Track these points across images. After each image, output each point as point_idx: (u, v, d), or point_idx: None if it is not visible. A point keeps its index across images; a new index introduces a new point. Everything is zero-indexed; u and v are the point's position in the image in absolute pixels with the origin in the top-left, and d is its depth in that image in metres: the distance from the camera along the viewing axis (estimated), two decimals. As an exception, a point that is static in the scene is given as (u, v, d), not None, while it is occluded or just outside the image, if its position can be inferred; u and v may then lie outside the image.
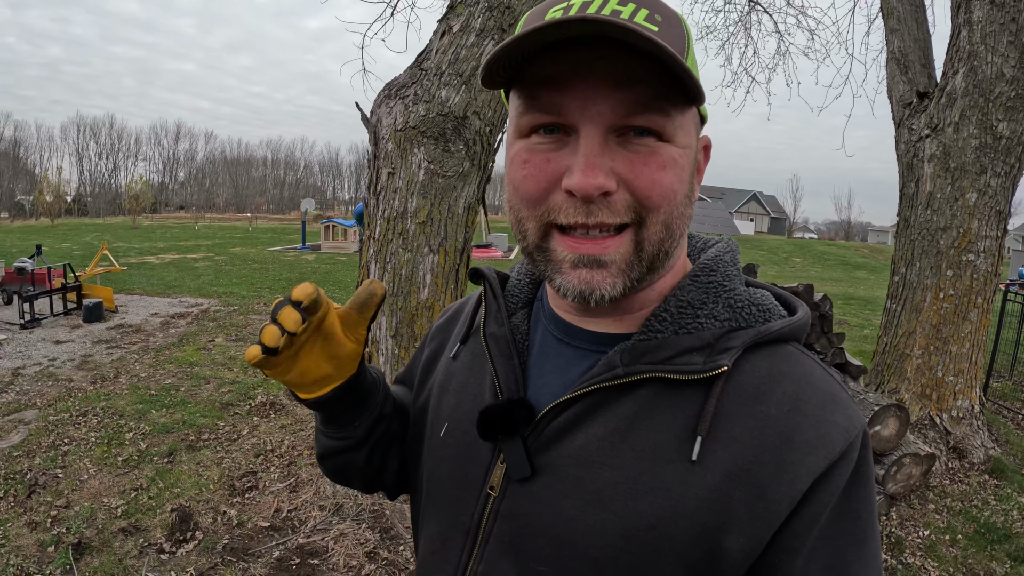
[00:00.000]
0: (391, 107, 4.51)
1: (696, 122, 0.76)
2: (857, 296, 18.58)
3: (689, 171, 0.74)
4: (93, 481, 4.86)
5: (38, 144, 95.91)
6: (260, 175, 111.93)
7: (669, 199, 0.71)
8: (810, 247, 44.19)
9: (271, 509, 4.51)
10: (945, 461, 5.53)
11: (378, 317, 5.06)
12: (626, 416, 0.74)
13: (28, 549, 3.99)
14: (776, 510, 0.67)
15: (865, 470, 0.72)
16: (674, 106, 0.69)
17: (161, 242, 30.36)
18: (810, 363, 0.76)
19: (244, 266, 19.97)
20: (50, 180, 53.23)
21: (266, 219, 67.03)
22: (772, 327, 0.76)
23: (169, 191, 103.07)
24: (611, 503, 0.72)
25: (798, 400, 0.71)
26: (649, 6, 0.69)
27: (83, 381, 7.34)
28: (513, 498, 0.79)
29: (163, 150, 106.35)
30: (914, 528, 4.63)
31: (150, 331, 10.14)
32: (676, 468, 0.70)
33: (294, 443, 5.62)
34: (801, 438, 0.69)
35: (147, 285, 14.90)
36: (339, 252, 26.42)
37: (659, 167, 0.69)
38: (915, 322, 5.87)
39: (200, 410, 6.41)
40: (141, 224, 48.51)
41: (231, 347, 9.15)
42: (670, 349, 0.74)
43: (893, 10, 6.34)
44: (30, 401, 6.59)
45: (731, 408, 0.71)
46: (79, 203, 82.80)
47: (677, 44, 0.69)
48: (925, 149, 5.84)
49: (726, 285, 0.79)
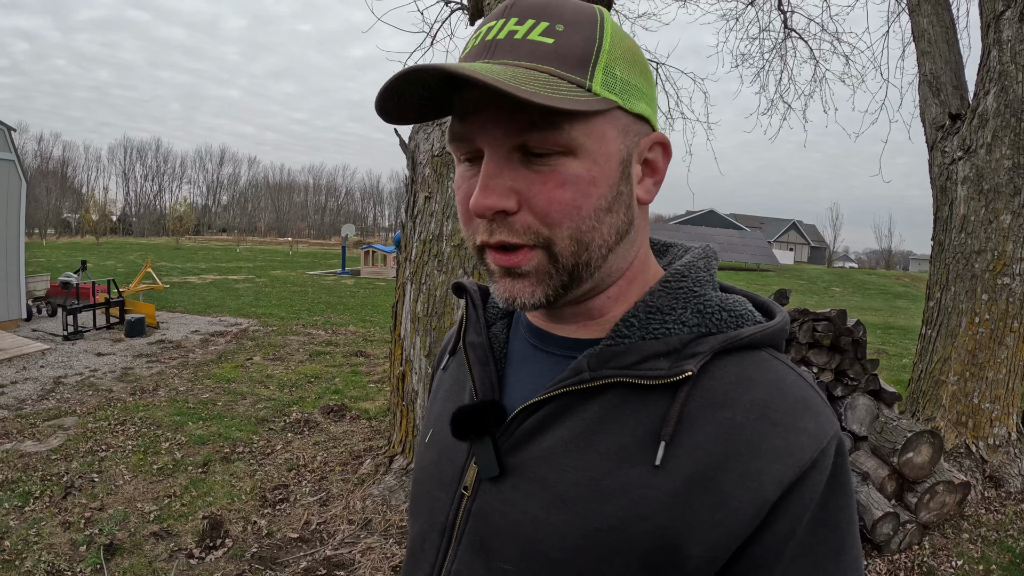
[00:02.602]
0: (428, 133, 4.64)
1: (625, 124, 0.74)
2: (897, 325, 18.25)
3: (608, 181, 0.73)
4: (128, 487, 4.96)
5: (85, 164, 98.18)
6: (302, 200, 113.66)
7: (571, 215, 0.71)
8: (850, 276, 43.52)
9: (301, 521, 4.56)
10: (981, 490, 5.32)
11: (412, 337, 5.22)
12: (592, 420, 0.74)
13: (60, 547, 4.08)
14: (739, 519, 0.67)
15: (842, 478, 0.71)
16: (569, 120, 0.68)
17: (203, 263, 30.95)
18: (783, 369, 0.75)
19: (284, 288, 20.26)
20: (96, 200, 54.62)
21: (307, 243, 67.96)
22: (743, 333, 0.75)
23: (212, 214, 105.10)
24: (574, 504, 0.72)
25: (766, 407, 0.70)
26: (551, 17, 0.71)
27: (122, 392, 7.51)
28: (484, 497, 0.80)
29: (207, 173, 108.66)
30: (947, 558, 4.49)
31: (190, 347, 10.33)
32: (639, 471, 0.70)
33: (326, 459, 5.68)
34: (767, 446, 0.68)
35: (188, 304, 15.19)
36: (378, 277, 26.63)
37: (557, 185, 0.70)
38: (950, 348, 5.71)
39: (236, 424, 6.51)
40: (184, 245, 49.48)
41: (268, 366, 9.28)
42: (636, 354, 0.74)
43: (924, 32, 6.26)
44: (70, 408, 6.75)
45: (697, 413, 0.71)
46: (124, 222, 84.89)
47: (578, 51, 0.70)
48: (958, 171, 5.75)
49: (696, 291, 0.78)
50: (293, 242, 64.83)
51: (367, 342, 11.49)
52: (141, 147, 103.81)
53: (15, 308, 11.36)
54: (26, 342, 9.78)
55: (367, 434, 6.36)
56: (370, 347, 11.02)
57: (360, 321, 13.93)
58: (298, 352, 10.33)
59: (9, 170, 11.24)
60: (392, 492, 4.83)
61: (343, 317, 14.43)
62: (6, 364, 8.59)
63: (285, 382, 8.35)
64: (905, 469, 4.57)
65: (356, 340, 11.64)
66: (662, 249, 0.93)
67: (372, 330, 12.86)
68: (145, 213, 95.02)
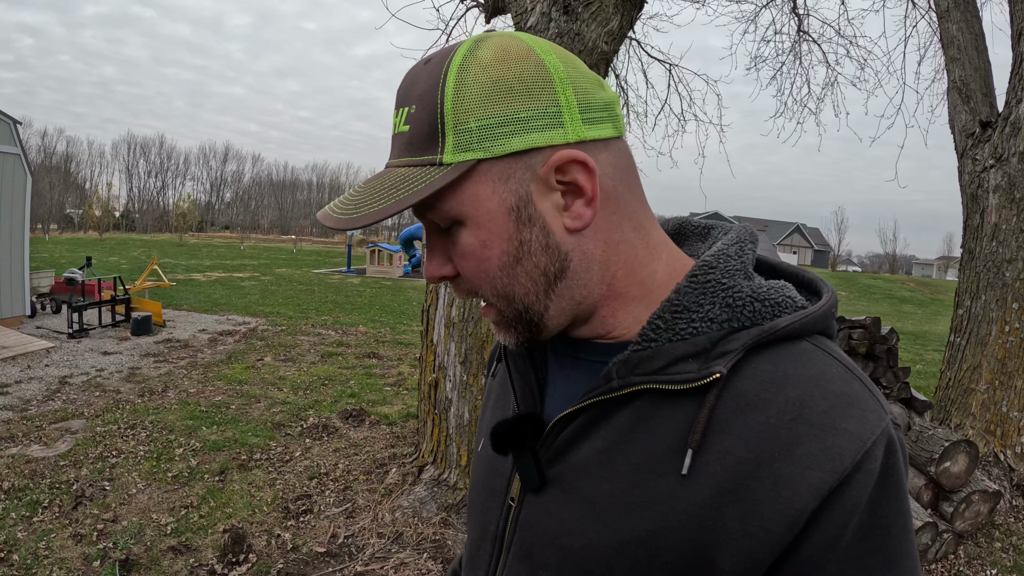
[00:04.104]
0: None
1: (496, 174, 0.70)
2: (906, 331, 17.99)
3: (499, 236, 0.71)
4: (141, 496, 4.68)
5: (89, 160, 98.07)
6: (305, 198, 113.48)
7: (481, 277, 0.73)
8: (855, 280, 43.36)
9: (327, 534, 4.29)
10: (1009, 499, 5.33)
11: (447, 343, 4.97)
12: (623, 429, 0.72)
13: (72, 562, 3.80)
14: (773, 530, 0.63)
15: (894, 479, 0.65)
16: (436, 198, 0.70)
17: (207, 260, 30.72)
18: (825, 361, 0.69)
19: (290, 287, 20.03)
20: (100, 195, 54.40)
21: (310, 241, 67.77)
22: (778, 324, 0.69)
23: (215, 211, 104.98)
24: (606, 515, 0.71)
25: (802, 407, 0.65)
26: (408, 100, 0.72)
27: (131, 393, 7.24)
28: (528, 508, 0.80)
29: (211, 171, 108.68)
30: (981, 567, 4.46)
31: (198, 347, 10.07)
32: (667, 482, 0.68)
33: (349, 467, 5.40)
34: (803, 450, 0.63)
35: (194, 301, 14.94)
36: (384, 276, 26.50)
37: (460, 257, 0.73)
38: (980, 356, 5.72)
39: (251, 429, 6.23)
40: (187, 242, 49.30)
41: (280, 367, 9.01)
42: (663, 358, 0.70)
43: (953, 39, 6.22)
44: (77, 410, 6.48)
45: (728, 418, 0.67)
46: (127, 219, 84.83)
47: (425, 126, 0.70)
48: (990, 179, 5.73)
49: (724, 282, 0.72)
50: (297, 240, 64.65)
51: (379, 343, 11.24)
52: (145, 143, 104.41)
53: (19, 304, 11.11)
54: (30, 340, 9.51)
55: (389, 441, 6.09)
56: (382, 348, 10.76)
57: (370, 321, 13.67)
58: (309, 353, 10.07)
59: (14, 164, 10.98)
60: (423, 504, 4.57)
61: (352, 317, 14.18)
62: (10, 362, 8.32)
63: (299, 384, 8.08)
64: (942, 479, 4.60)
65: (368, 341, 11.38)
66: (703, 233, 0.91)
67: (383, 331, 12.61)
68: (148, 209, 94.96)
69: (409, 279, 26.06)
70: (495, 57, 0.70)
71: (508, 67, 0.70)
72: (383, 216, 0.68)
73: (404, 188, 0.69)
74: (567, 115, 0.70)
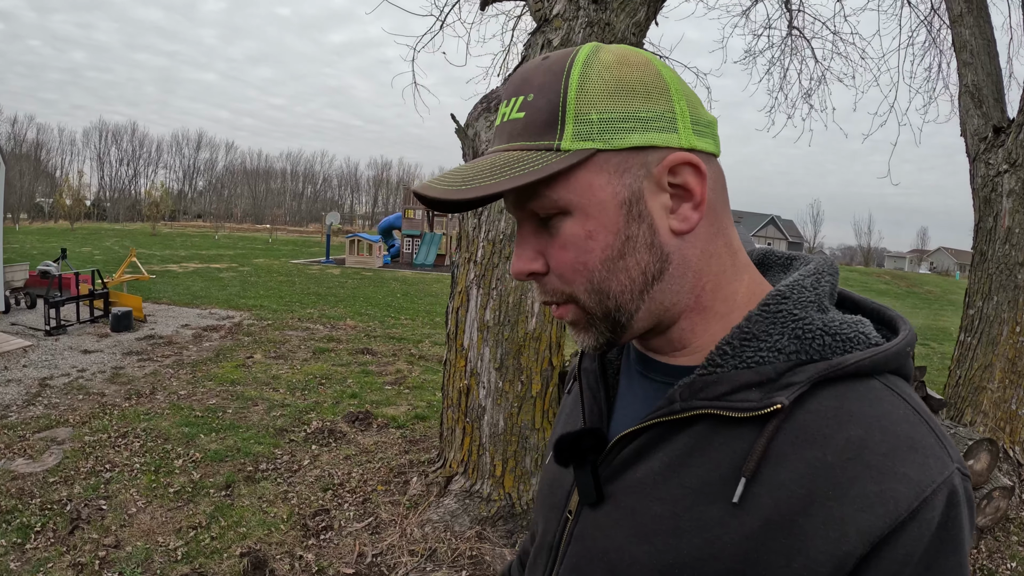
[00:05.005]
0: (491, 121, 4.22)
1: (617, 164, 0.71)
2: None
3: (609, 229, 0.71)
4: (143, 515, 4.26)
5: (60, 147, 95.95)
6: (279, 187, 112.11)
7: (579, 272, 0.73)
8: (835, 273, 43.57)
9: (353, 553, 3.93)
10: (1019, 493, 5.55)
11: (480, 347, 4.62)
12: (681, 452, 0.72)
13: (74, 600, 3.40)
14: (817, 570, 0.60)
15: (953, 533, 0.61)
16: (547, 184, 0.70)
17: (182, 250, 30.02)
18: (893, 402, 0.66)
19: (270, 278, 19.52)
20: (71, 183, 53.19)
21: (284, 231, 66.93)
22: (847, 360, 0.67)
23: (188, 199, 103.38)
24: (654, 537, 0.71)
25: (863, 447, 0.62)
26: (524, 89, 0.73)
27: (117, 396, 6.79)
28: (583, 523, 0.81)
29: (184, 158, 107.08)
30: (1002, 560, 4.53)
31: (182, 344, 9.60)
32: (718, 509, 0.67)
33: (364, 476, 5.03)
34: (857, 491, 0.61)
35: (173, 294, 14.42)
36: (364, 267, 26.10)
37: (560, 248, 0.73)
38: (991, 355, 5.89)
39: (253, 436, 5.82)
40: (160, 231, 48.34)
41: (272, 365, 8.59)
42: (727, 384, 0.70)
43: (966, 43, 6.32)
44: (61, 416, 6.03)
45: (785, 450, 0.65)
46: (98, 207, 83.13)
47: (544, 114, 0.71)
48: (1003, 184, 5.88)
49: (796, 313, 0.71)
50: (272, 229, 63.75)
51: (370, 338, 10.85)
52: (117, 130, 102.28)
53: (-8, 300, 10.56)
54: (6, 338, 9.00)
55: (401, 446, 5.72)
56: (375, 344, 10.38)
57: (356, 315, 13.27)
58: (300, 349, 9.65)
59: (-14, 152, 10.41)
60: (455, 517, 4.25)
61: (337, 310, 13.76)
62: (-15, 362, 7.82)
63: (294, 384, 7.67)
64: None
65: (358, 336, 10.99)
66: (786, 264, 0.88)
67: (371, 324, 12.22)
68: (120, 198, 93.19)
69: (390, 270, 25.74)
70: (617, 61, 0.72)
71: (630, 70, 0.71)
72: (496, 191, 0.67)
73: (519, 168, 0.68)
74: (680, 122, 0.72)
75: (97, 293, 10.94)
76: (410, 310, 14.46)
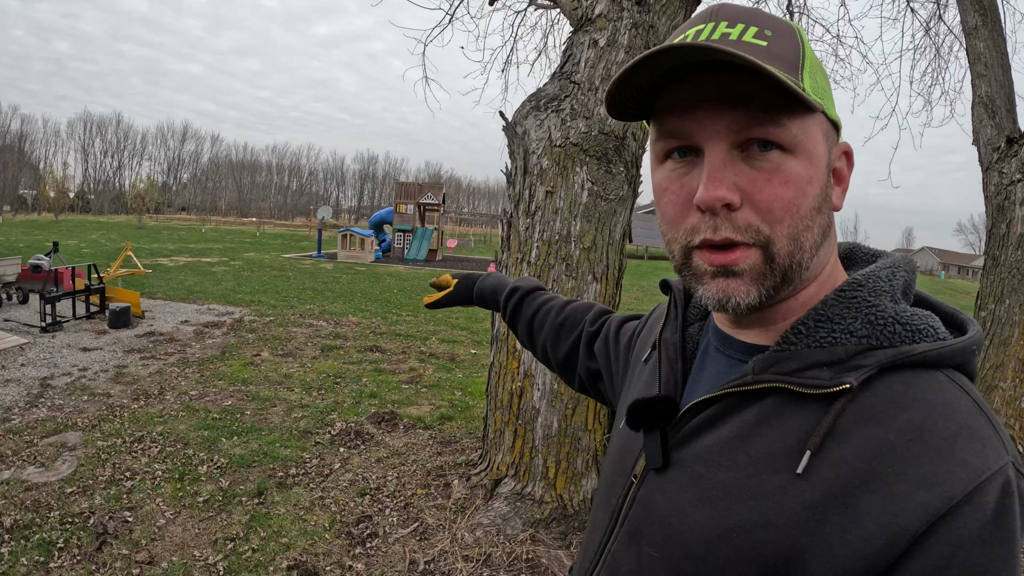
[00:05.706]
0: (541, 119, 4.12)
1: (826, 129, 0.74)
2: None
3: (820, 181, 0.73)
4: (174, 527, 3.96)
5: (44, 139, 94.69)
6: (264, 180, 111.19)
7: (792, 213, 0.71)
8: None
9: (404, 561, 3.68)
10: None
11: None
12: (750, 422, 0.74)
13: (108, 626, 3.10)
14: (871, 544, 0.61)
15: (1008, 522, 0.61)
16: (789, 116, 0.69)
17: (170, 243, 29.52)
18: (955, 393, 0.67)
19: (263, 273, 19.14)
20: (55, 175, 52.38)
21: (272, 224, 66.33)
22: (915, 349, 0.69)
23: (172, 192, 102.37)
24: (718, 502, 0.72)
25: (923, 430, 0.64)
26: (759, 23, 0.72)
27: (123, 397, 6.47)
28: (647, 487, 0.82)
29: (169, 151, 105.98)
30: None
31: (185, 341, 9.27)
32: (780, 478, 0.68)
33: (401, 480, 4.75)
34: (916, 470, 0.62)
35: (168, 289, 14.04)
36: (356, 261, 25.76)
37: (781, 183, 0.70)
38: (1003, 356, 6.04)
39: (277, 439, 5.52)
40: (146, 224, 47.72)
41: (281, 363, 8.28)
42: (799, 361, 0.72)
43: (980, 55, 6.48)
44: (68, 420, 5.70)
45: (849, 428, 0.67)
46: (82, 199, 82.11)
47: (788, 55, 0.71)
48: (1017, 193, 6.06)
49: (870, 301, 0.73)
50: (260, 223, 63.12)
51: (377, 335, 10.55)
52: (101, 122, 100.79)
53: (-16, 295, 10.17)
54: (1, 335, 8.63)
55: (434, 448, 5.45)
56: (382, 341, 10.09)
57: (357, 311, 12.97)
58: (307, 346, 9.34)
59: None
60: (506, 520, 4.05)
61: (337, 306, 13.44)
62: (-18, 361, 7.47)
63: (309, 383, 7.37)
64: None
65: (364, 332, 10.69)
66: (870, 259, 0.88)
67: (374, 321, 11.92)
68: (104, 190, 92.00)
69: (383, 264, 25.43)
70: None
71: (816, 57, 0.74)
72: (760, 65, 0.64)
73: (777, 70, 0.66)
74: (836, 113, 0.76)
75: (93, 288, 10.58)
76: (410, 306, 14.16)
